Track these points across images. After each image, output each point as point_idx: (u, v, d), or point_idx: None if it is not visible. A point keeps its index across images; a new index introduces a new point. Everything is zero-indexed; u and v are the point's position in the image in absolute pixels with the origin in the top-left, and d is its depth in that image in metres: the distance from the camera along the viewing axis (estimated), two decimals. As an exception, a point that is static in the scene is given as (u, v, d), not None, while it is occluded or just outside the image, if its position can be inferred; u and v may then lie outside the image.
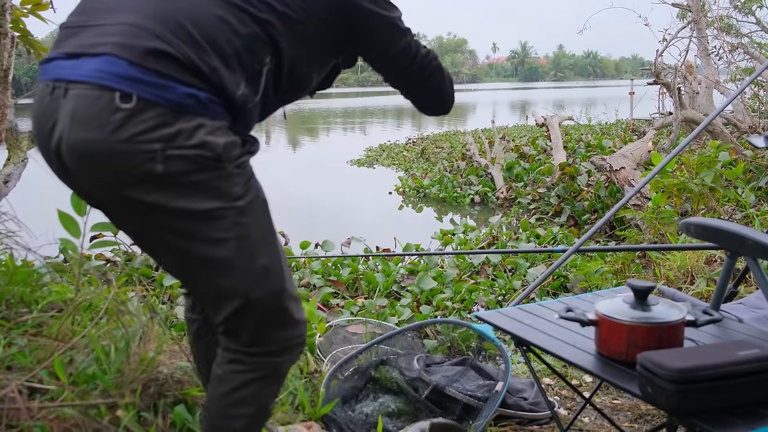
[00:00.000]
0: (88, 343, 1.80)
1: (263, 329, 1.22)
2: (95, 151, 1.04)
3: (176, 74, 1.06)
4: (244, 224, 1.15)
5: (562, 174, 7.22)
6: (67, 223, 2.05)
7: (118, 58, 1.05)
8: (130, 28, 1.08)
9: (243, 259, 1.16)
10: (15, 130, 2.25)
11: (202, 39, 1.10)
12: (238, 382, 1.25)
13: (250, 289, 1.18)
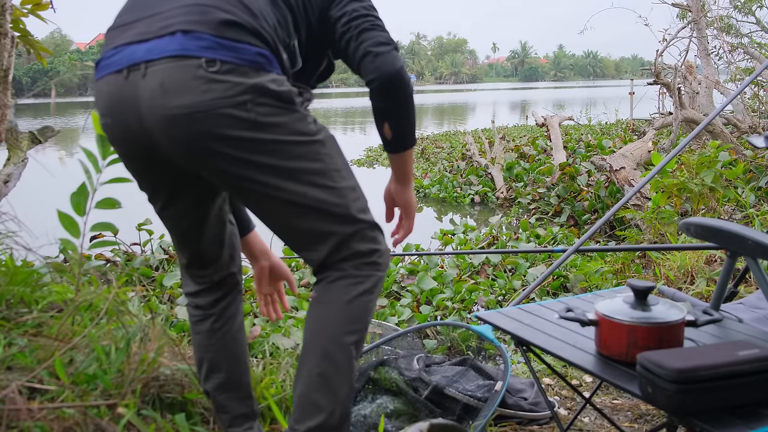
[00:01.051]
0: (89, 343, 1.80)
1: (365, 246, 1.33)
2: (194, 112, 1.17)
3: (246, 38, 1.21)
4: (328, 154, 1.30)
5: (562, 174, 7.22)
6: (67, 223, 2.05)
7: (194, 32, 1.18)
8: (194, 7, 1.21)
9: (337, 185, 1.30)
10: (15, 130, 2.25)
11: (254, 10, 1.25)
12: (349, 296, 1.31)
13: (349, 211, 1.31)
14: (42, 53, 2.46)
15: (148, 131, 1.22)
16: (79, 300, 1.96)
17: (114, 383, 1.68)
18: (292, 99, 1.26)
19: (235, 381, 1.60)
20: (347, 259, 1.32)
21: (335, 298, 1.31)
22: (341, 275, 1.32)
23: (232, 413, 1.60)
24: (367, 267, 1.33)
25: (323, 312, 1.32)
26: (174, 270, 4.37)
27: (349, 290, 1.31)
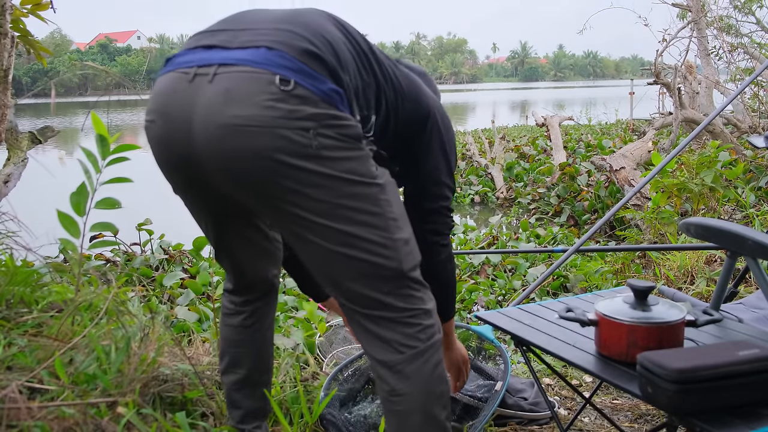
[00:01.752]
0: (89, 343, 1.80)
1: (413, 311, 1.25)
2: (251, 125, 1.11)
3: (325, 74, 1.17)
4: (387, 200, 1.23)
5: (562, 174, 7.22)
6: (67, 223, 2.05)
7: (279, 50, 1.15)
8: (286, 33, 1.19)
9: (392, 235, 1.22)
10: (15, 130, 2.25)
11: (340, 55, 1.22)
12: (432, 365, 1.25)
13: (401, 265, 1.23)
14: (42, 53, 2.46)
15: (193, 144, 1.16)
16: (79, 300, 1.96)
17: (114, 383, 1.68)
18: (359, 137, 1.20)
19: (255, 379, 1.61)
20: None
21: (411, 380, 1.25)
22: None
23: (245, 410, 1.61)
24: (414, 330, 1.26)
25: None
26: (174, 270, 4.37)
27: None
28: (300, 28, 1.21)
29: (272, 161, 1.12)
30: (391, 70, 1.39)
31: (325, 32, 1.23)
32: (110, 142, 2.04)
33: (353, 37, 1.31)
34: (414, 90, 1.44)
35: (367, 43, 1.34)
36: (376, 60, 1.33)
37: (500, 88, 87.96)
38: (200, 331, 2.95)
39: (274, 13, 1.27)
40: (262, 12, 1.29)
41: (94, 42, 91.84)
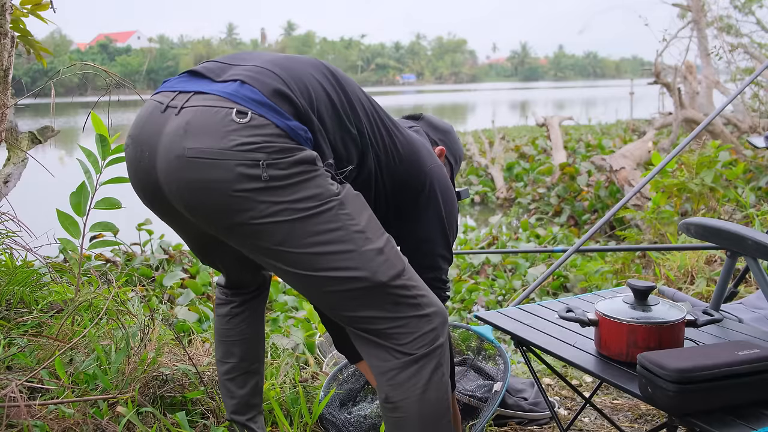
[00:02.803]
0: (89, 343, 1.80)
1: (404, 319, 1.24)
2: (203, 157, 1.14)
3: (291, 112, 1.19)
4: (348, 214, 1.21)
5: (562, 174, 7.22)
6: (67, 223, 2.05)
7: (249, 85, 1.19)
8: (267, 72, 1.23)
9: (358, 248, 1.20)
10: (15, 130, 2.25)
11: (315, 103, 1.25)
12: (428, 372, 1.24)
13: (375, 277, 1.21)
14: (42, 53, 2.46)
15: (156, 173, 1.20)
16: (79, 300, 1.96)
17: (114, 383, 1.68)
18: (312, 159, 1.19)
19: (245, 367, 1.62)
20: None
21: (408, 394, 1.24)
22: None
23: (237, 399, 1.62)
24: (418, 337, 1.24)
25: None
26: (174, 270, 4.38)
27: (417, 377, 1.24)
28: (283, 72, 1.24)
29: (223, 193, 1.15)
30: (390, 130, 1.40)
31: (307, 79, 1.26)
32: (110, 142, 2.04)
33: (344, 90, 1.32)
34: (413, 157, 1.45)
35: (366, 101, 1.37)
36: (370, 117, 1.35)
37: (500, 88, 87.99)
38: (200, 331, 2.95)
39: (272, 56, 1.31)
40: (263, 53, 1.34)
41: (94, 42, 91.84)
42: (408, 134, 1.48)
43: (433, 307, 1.28)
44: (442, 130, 1.72)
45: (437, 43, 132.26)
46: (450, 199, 1.52)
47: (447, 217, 1.50)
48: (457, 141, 1.75)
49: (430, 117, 1.74)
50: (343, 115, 1.30)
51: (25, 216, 2.19)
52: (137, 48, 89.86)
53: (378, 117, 1.39)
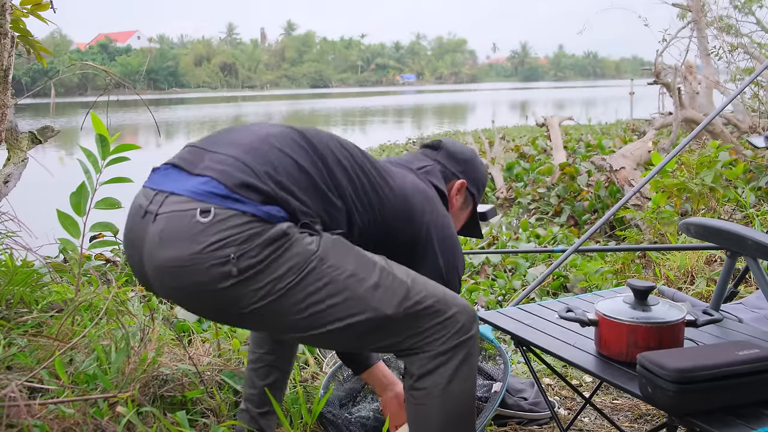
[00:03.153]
0: (89, 343, 1.80)
1: (426, 327, 1.27)
2: (180, 266, 1.18)
3: (258, 199, 1.21)
4: (333, 266, 1.23)
5: (562, 174, 7.22)
6: (67, 223, 2.05)
7: (216, 180, 1.21)
8: (236, 162, 1.24)
9: (354, 292, 1.23)
10: (15, 130, 2.25)
11: (286, 183, 1.25)
12: (456, 362, 1.27)
13: (379, 312, 1.24)
14: (42, 53, 2.46)
15: (147, 274, 1.26)
16: (78, 300, 1.96)
17: (114, 383, 1.68)
18: (282, 234, 1.20)
19: (270, 361, 1.69)
20: (414, 351, 1.29)
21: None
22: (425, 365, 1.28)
23: (258, 390, 1.69)
24: (444, 348, 1.27)
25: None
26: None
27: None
28: (256, 160, 1.25)
29: (208, 294, 1.19)
30: (377, 186, 1.39)
31: (283, 164, 1.27)
32: (110, 142, 2.04)
33: (323, 160, 1.33)
34: (406, 211, 1.43)
35: (347, 160, 1.36)
36: (354, 179, 1.35)
37: (500, 88, 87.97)
38: (200, 331, 2.95)
39: (248, 139, 1.32)
40: (241, 134, 1.34)
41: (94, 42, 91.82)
42: (399, 185, 1.45)
43: (454, 307, 1.29)
44: (461, 160, 1.67)
45: (437, 43, 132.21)
46: (449, 248, 1.49)
47: (445, 267, 1.48)
48: (479, 168, 1.72)
49: (449, 146, 1.69)
50: (325, 189, 1.31)
51: (25, 216, 2.19)
52: (137, 48, 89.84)
53: (363, 174, 1.38)
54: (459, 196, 1.67)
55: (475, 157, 1.72)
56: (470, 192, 1.69)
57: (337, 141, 1.39)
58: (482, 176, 1.73)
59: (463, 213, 1.72)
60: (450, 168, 1.65)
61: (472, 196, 1.71)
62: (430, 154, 1.67)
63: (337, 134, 1.45)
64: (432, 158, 1.65)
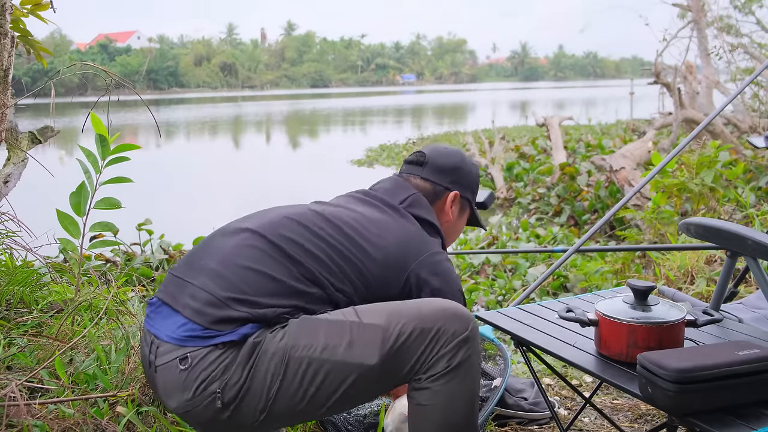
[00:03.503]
0: (88, 343, 1.80)
1: (423, 353, 1.28)
2: (184, 411, 1.29)
3: (231, 327, 1.28)
4: (304, 356, 1.27)
5: (562, 174, 7.22)
6: (67, 223, 2.05)
7: (192, 322, 1.29)
8: (207, 296, 1.31)
9: (336, 362, 1.26)
10: (15, 130, 2.25)
11: (262, 297, 1.31)
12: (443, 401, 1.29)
13: (364, 363, 1.27)
14: (42, 53, 2.46)
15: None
16: (78, 300, 1.95)
17: (114, 383, 1.68)
18: (254, 345, 1.27)
19: None
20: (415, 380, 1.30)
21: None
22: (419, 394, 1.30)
23: None
24: (433, 375, 1.28)
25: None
26: (174, 270, 4.37)
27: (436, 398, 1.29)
28: (225, 287, 1.31)
29: (219, 424, 1.29)
30: (355, 261, 1.40)
31: (247, 280, 1.32)
32: (110, 142, 2.04)
33: (301, 251, 1.37)
34: (392, 269, 1.43)
35: (324, 241, 1.39)
36: (329, 261, 1.37)
37: (500, 88, 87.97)
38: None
39: (217, 257, 1.37)
40: (210, 255, 1.39)
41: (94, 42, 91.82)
42: (379, 248, 1.43)
43: (438, 320, 1.29)
44: (449, 170, 1.65)
45: (437, 43, 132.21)
46: (446, 282, 1.48)
47: (450, 294, 1.47)
48: (469, 171, 1.69)
49: (434, 159, 1.65)
50: (297, 285, 1.34)
51: (25, 216, 2.19)
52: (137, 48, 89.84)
53: (337, 255, 1.39)
54: (454, 207, 1.66)
55: (462, 162, 1.68)
56: (466, 198, 1.68)
57: (309, 231, 1.41)
58: (474, 178, 1.71)
59: (461, 219, 1.71)
60: (440, 183, 1.63)
61: (468, 201, 1.70)
62: (416, 171, 1.64)
63: (315, 213, 1.46)
64: (417, 178, 1.63)
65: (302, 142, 20.99)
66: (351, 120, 29.45)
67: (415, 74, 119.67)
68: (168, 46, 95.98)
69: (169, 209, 8.61)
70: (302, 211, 1.47)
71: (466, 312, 1.33)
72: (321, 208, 1.50)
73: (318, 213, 1.46)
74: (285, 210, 1.48)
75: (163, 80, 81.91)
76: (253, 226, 1.42)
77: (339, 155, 14.60)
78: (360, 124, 26.80)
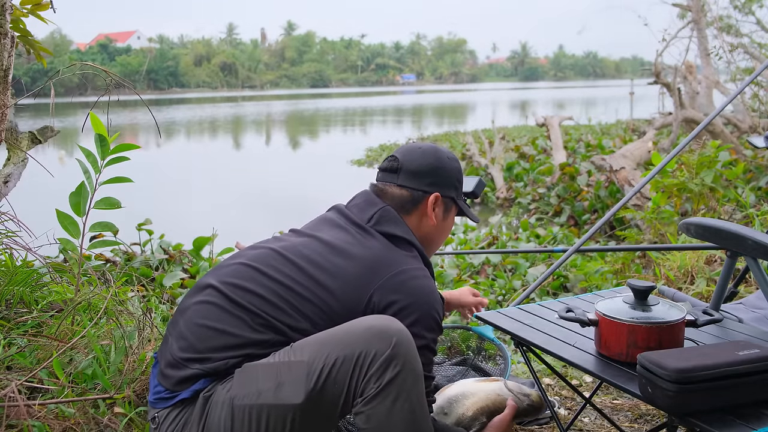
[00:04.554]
0: (88, 343, 1.80)
1: (347, 391, 1.30)
2: None
3: (188, 384, 1.36)
4: (244, 396, 1.31)
5: (562, 174, 7.23)
6: (67, 223, 2.05)
7: (161, 386, 1.39)
8: (174, 360, 1.39)
9: (268, 407, 1.29)
10: (15, 130, 2.25)
11: (216, 355, 1.37)
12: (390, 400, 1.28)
13: (293, 404, 1.29)
14: (42, 53, 2.46)
15: None
16: (78, 300, 1.95)
17: (113, 382, 1.68)
18: (204, 401, 1.34)
19: None
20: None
21: None
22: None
23: None
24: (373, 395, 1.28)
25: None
26: (174, 270, 4.37)
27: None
28: (185, 348, 1.38)
29: None
30: (317, 300, 1.40)
31: (201, 337, 1.38)
32: (109, 142, 2.04)
33: (245, 309, 1.39)
34: (354, 300, 1.41)
35: (288, 286, 1.40)
36: (284, 309, 1.39)
37: (500, 88, 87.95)
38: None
39: (181, 321, 1.43)
40: (185, 306, 1.46)
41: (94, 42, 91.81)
42: (336, 275, 1.42)
43: (359, 345, 1.28)
44: (426, 172, 1.57)
45: (437, 43, 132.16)
46: (408, 293, 1.42)
47: (416, 307, 1.43)
48: (448, 168, 1.60)
49: (408, 164, 1.57)
50: (251, 334, 1.37)
51: (25, 216, 2.19)
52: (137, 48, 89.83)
53: (294, 296, 1.40)
54: (437, 209, 1.58)
55: (438, 161, 1.59)
56: (448, 195, 1.60)
57: (265, 276, 1.42)
58: (454, 173, 1.62)
59: (448, 219, 1.63)
60: (417, 188, 1.56)
61: (452, 199, 1.62)
62: (391, 179, 1.58)
63: (274, 253, 1.47)
64: (393, 186, 1.57)
65: (302, 142, 20.99)
66: (351, 120, 29.45)
67: (415, 74, 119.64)
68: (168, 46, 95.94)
69: (169, 209, 8.62)
70: (262, 253, 1.48)
71: (392, 327, 1.30)
72: (282, 244, 1.49)
73: (277, 252, 1.47)
74: (246, 255, 1.50)
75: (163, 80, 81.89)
76: (214, 280, 1.46)
77: (339, 155, 14.60)
78: (360, 124, 26.81)
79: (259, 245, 1.54)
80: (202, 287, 1.46)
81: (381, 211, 1.53)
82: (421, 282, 1.44)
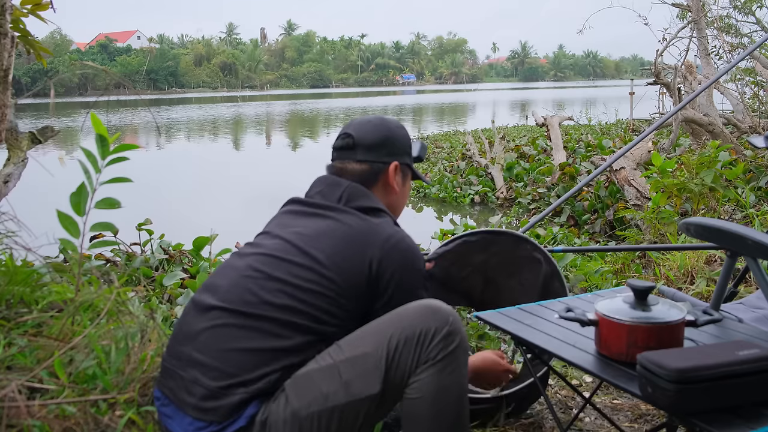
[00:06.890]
0: (89, 343, 1.80)
1: (409, 366, 1.34)
2: None
3: (238, 413, 1.33)
4: (309, 403, 1.32)
5: (562, 174, 7.23)
6: (67, 223, 2.05)
7: (200, 421, 1.34)
8: (203, 390, 1.35)
9: (340, 407, 1.32)
10: (15, 130, 2.25)
11: (244, 377, 1.35)
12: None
13: (370, 395, 1.33)
14: (42, 53, 2.46)
15: None
16: (79, 300, 1.95)
17: (113, 383, 1.68)
18: (262, 425, 1.32)
19: None
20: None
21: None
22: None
23: None
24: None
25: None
26: (174, 270, 4.37)
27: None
28: (219, 376, 1.35)
29: None
30: (326, 291, 1.41)
31: (229, 362, 1.36)
32: (110, 141, 2.04)
33: (261, 318, 1.38)
34: (348, 264, 1.44)
35: (286, 293, 1.40)
36: (303, 311, 1.39)
37: (500, 88, 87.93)
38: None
39: (196, 337, 1.42)
40: (189, 332, 1.45)
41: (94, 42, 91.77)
42: (334, 255, 1.44)
43: (416, 325, 1.34)
44: (381, 143, 1.63)
45: (437, 43, 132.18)
46: (410, 257, 1.50)
47: (409, 284, 1.49)
48: (400, 136, 1.67)
49: (362, 139, 1.62)
50: (280, 342, 1.37)
51: (25, 216, 2.19)
52: (137, 48, 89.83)
53: (307, 294, 1.40)
54: (397, 177, 1.66)
55: (389, 130, 1.66)
56: (404, 164, 1.68)
57: (268, 279, 1.43)
58: (406, 140, 1.70)
59: (406, 184, 1.71)
60: (377, 160, 1.62)
61: (407, 166, 1.69)
62: (348, 156, 1.62)
63: (262, 257, 1.48)
64: (352, 162, 1.62)
65: (302, 141, 20.99)
66: (351, 120, 29.42)
67: (415, 74, 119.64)
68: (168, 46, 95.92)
69: (169, 209, 8.61)
70: (252, 260, 1.48)
71: (444, 306, 1.38)
72: (264, 249, 1.50)
73: (266, 255, 1.47)
74: (236, 266, 1.49)
75: (163, 80, 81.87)
76: (217, 301, 1.43)
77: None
78: (360, 124, 26.78)
79: (244, 253, 1.53)
80: (205, 309, 1.44)
81: (349, 189, 1.57)
82: (408, 242, 1.53)
